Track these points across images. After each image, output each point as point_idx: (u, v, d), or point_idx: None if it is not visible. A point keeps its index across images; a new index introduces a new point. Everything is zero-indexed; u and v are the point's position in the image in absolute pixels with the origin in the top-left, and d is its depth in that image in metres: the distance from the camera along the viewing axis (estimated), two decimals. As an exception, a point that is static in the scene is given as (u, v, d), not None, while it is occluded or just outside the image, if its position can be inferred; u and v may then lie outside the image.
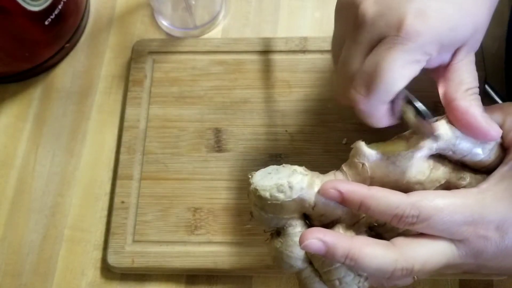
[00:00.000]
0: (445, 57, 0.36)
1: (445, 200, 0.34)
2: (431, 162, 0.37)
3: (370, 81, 0.34)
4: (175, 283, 0.49)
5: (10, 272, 0.51)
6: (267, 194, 0.36)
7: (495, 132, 0.35)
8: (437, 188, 0.36)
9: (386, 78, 0.33)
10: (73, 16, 0.57)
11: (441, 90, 0.37)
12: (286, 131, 0.53)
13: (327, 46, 0.54)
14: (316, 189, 0.36)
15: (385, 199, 0.34)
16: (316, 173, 0.38)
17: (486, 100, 0.52)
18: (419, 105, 0.35)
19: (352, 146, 0.37)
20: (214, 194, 0.51)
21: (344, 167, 0.38)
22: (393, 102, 0.35)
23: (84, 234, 0.52)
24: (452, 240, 0.34)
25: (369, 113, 0.35)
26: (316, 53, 0.55)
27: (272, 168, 0.38)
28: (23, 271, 0.51)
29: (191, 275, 0.49)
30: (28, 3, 0.50)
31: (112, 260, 0.49)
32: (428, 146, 0.36)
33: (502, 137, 0.37)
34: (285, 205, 0.36)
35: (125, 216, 0.50)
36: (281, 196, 0.36)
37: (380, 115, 0.35)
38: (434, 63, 0.36)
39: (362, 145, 0.36)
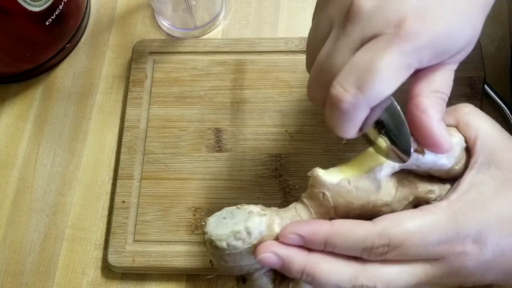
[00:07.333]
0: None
1: (414, 222, 0.32)
2: (394, 180, 0.34)
3: (362, 79, 0.30)
4: (175, 282, 0.49)
5: (11, 271, 0.51)
6: (223, 244, 0.33)
7: (446, 143, 0.32)
8: (406, 207, 0.34)
9: (380, 78, 0.30)
10: (74, 17, 0.58)
11: (411, 91, 0.33)
12: (286, 131, 0.53)
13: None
14: (277, 229, 0.33)
15: (350, 234, 0.31)
16: (275, 210, 0.35)
17: (486, 101, 0.52)
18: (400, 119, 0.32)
19: (309, 174, 0.34)
20: (214, 194, 0.51)
21: (304, 199, 0.35)
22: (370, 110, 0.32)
23: (85, 233, 0.52)
24: (427, 260, 0.32)
25: (349, 116, 0.31)
26: (316, 54, 0.55)
27: (226, 211, 0.34)
28: (24, 270, 0.51)
29: (191, 274, 0.49)
30: (29, 4, 0.50)
31: (112, 259, 0.49)
32: (390, 165, 0.33)
33: (465, 140, 0.35)
34: (245, 252, 0.33)
35: (125, 216, 0.50)
36: (239, 244, 0.33)
37: (358, 120, 0.31)
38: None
39: (319, 173, 0.33)
